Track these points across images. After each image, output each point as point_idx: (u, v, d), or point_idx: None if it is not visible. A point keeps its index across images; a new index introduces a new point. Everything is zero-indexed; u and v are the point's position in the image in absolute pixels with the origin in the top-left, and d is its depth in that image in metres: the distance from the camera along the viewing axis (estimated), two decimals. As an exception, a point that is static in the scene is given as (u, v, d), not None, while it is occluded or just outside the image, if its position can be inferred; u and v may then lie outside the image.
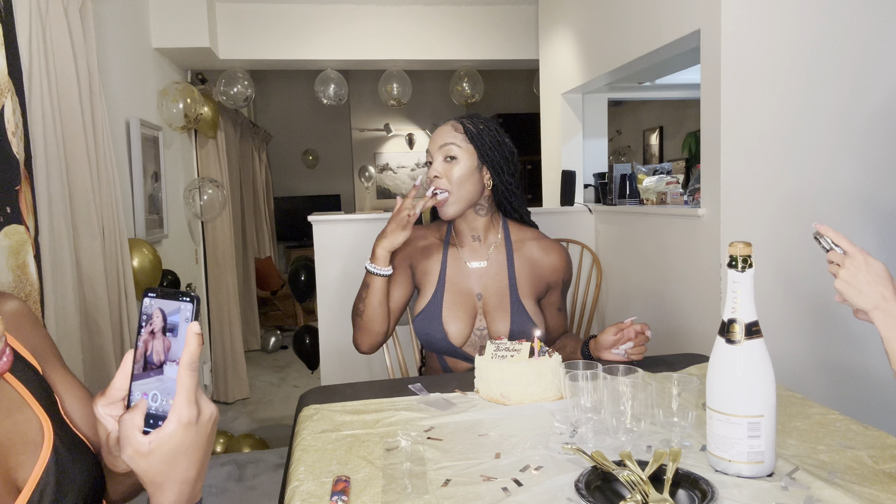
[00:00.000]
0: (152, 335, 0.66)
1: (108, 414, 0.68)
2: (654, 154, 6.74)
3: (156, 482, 0.64)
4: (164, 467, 0.63)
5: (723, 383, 0.92)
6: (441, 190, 1.52)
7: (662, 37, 2.41)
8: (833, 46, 2.07)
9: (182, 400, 0.63)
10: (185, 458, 0.64)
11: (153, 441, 0.62)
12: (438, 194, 1.52)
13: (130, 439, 0.63)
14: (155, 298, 0.66)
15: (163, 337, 0.65)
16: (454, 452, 1.02)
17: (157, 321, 0.66)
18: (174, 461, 0.64)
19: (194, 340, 0.63)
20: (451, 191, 1.52)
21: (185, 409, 0.63)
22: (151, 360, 0.65)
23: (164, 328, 0.65)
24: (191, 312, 0.65)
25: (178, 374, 0.64)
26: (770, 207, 2.10)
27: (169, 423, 0.63)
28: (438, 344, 1.56)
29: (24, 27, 1.83)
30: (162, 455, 0.63)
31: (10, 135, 1.72)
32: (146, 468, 0.63)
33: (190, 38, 3.62)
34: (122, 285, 2.35)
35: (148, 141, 3.26)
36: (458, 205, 1.53)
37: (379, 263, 1.50)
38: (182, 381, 0.63)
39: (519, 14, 4.31)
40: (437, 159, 1.54)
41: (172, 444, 0.63)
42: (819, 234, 1.01)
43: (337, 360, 2.92)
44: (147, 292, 0.66)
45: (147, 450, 0.62)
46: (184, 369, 0.63)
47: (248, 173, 5.66)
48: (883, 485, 0.87)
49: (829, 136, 2.09)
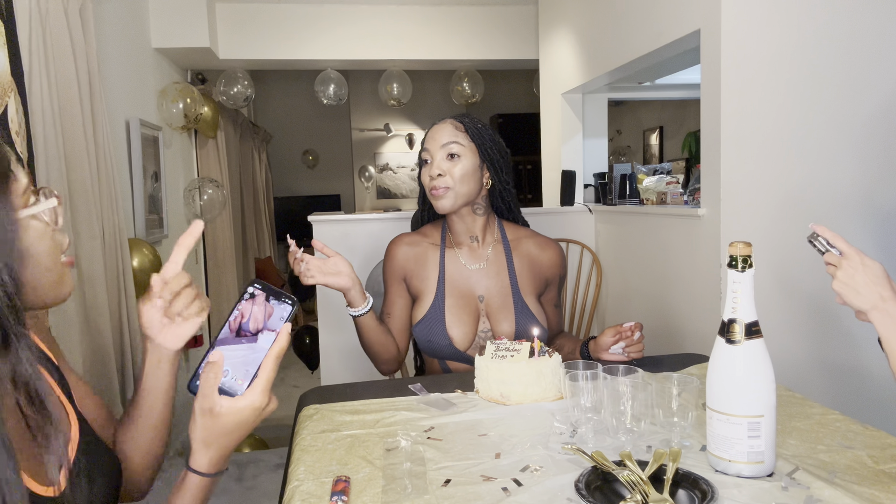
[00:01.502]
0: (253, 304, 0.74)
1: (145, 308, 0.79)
2: (654, 154, 6.74)
3: (207, 441, 0.72)
4: (220, 432, 0.71)
5: (723, 383, 0.92)
6: (441, 188, 1.49)
7: (662, 37, 2.41)
8: (833, 46, 2.07)
9: (261, 386, 0.71)
10: (237, 433, 0.73)
11: (226, 407, 0.70)
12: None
13: (209, 396, 0.71)
14: (260, 290, 0.75)
15: (265, 304, 0.74)
16: (454, 452, 1.02)
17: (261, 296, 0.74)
18: (230, 431, 0.72)
19: (285, 339, 0.73)
20: (451, 187, 1.49)
21: (261, 395, 0.71)
22: (247, 328, 0.73)
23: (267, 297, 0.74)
24: (289, 314, 0.75)
25: (264, 363, 0.72)
26: (770, 207, 2.10)
27: (243, 400, 0.71)
28: (442, 350, 1.53)
29: (24, 27, 1.83)
30: (225, 422, 0.71)
31: (14, 134, 1.72)
32: (207, 425, 0.71)
33: (190, 38, 3.62)
34: (122, 285, 2.35)
35: (148, 141, 3.26)
36: (455, 199, 1.50)
37: (354, 305, 1.47)
38: (266, 369, 0.72)
39: (519, 14, 4.31)
40: (437, 157, 1.51)
41: (238, 418, 0.71)
42: (814, 235, 1.00)
43: (337, 360, 2.92)
44: (255, 282, 0.76)
45: (219, 411, 0.70)
46: (271, 359, 0.72)
47: (248, 173, 5.66)
48: (883, 485, 0.86)
49: (829, 136, 2.09)
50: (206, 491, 0.75)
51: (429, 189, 1.52)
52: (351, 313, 1.48)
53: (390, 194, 7.94)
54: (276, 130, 7.40)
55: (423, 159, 1.55)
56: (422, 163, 1.57)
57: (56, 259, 0.72)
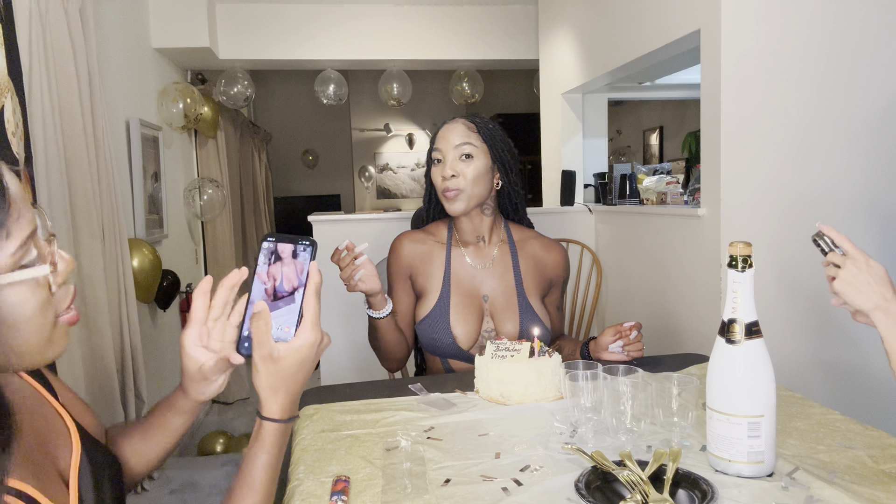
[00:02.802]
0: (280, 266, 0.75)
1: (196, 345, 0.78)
2: (654, 154, 6.74)
3: (274, 387, 0.74)
4: (284, 375, 0.73)
5: (723, 383, 0.92)
6: (453, 190, 1.49)
7: (662, 37, 2.41)
8: (833, 46, 2.07)
9: (310, 321, 0.73)
10: (301, 373, 0.74)
11: (284, 349, 0.72)
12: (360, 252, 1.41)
13: (266, 343, 0.72)
14: (275, 242, 0.76)
15: (293, 261, 0.75)
16: (454, 452, 1.02)
17: (286, 253, 0.75)
18: (294, 372, 0.73)
19: (317, 274, 0.75)
20: (464, 189, 1.49)
21: (313, 330, 0.73)
22: (282, 289, 0.75)
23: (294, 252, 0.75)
24: (310, 253, 0.76)
25: (305, 300, 0.74)
26: (770, 207, 2.10)
27: (298, 339, 0.73)
28: (446, 349, 1.53)
29: (24, 27, 1.83)
30: (287, 364, 0.73)
31: (10, 135, 1.72)
32: (271, 371, 0.73)
33: (190, 38, 3.62)
34: (122, 285, 2.35)
35: (148, 141, 3.26)
36: (468, 201, 1.51)
37: (376, 308, 1.48)
38: (310, 305, 0.74)
39: (519, 14, 4.31)
40: (450, 157, 1.50)
41: (298, 358, 0.73)
42: (819, 235, 1.01)
43: (337, 360, 2.92)
44: (267, 237, 0.76)
45: (278, 355, 0.72)
46: (310, 296, 0.74)
47: (248, 173, 5.65)
48: (883, 485, 0.86)
49: (829, 135, 2.09)
50: (283, 438, 0.76)
51: (441, 190, 1.52)
52: (374, 315, 1.49)
53: (390, 194, 7.94)
54: (276, 130, 7.40)
55: (435, 159, 1.55)
56: (431, 161, 1.56)
57: (46, 321, 0.64)
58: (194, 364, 0.78)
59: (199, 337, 0.78)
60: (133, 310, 2.40)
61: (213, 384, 0.82)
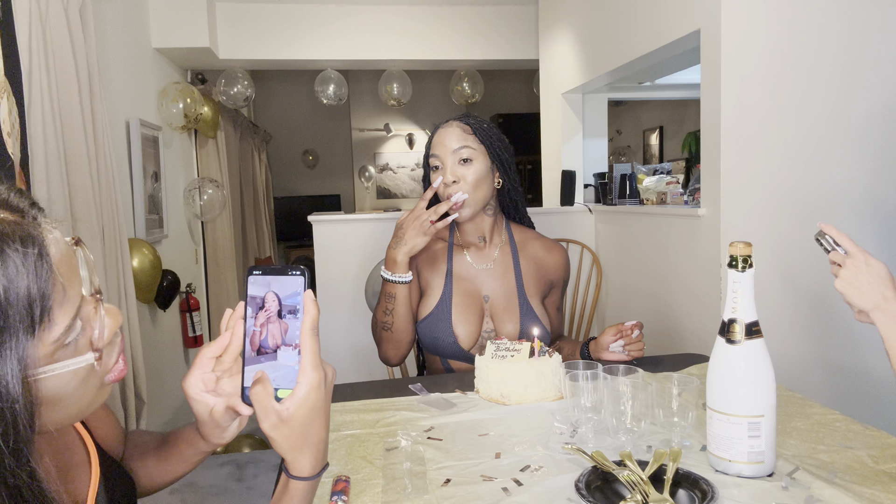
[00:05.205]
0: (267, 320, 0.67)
1: (202, 391, 0.73)
2: (654, 154, 6.74)
3: (296, 447, 0.67)
4: (302, 430, 0.67)
5: (723, 383, 0.92)
6: (461, 194, 1.48)
7: (662, 37, 2.41)
8: (833, 46, 2.07)
9: (309, 364, 0.66)
10: (318, 420, 0.67)
11: (290, 406, 0.65)
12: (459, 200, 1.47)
13: (269, 409, 0.65)
14: (260, 276, 0.67)
15: (279, 321, 0.67)
16: (454, 452, 1.02)
17: (272, 305, 0.67)
18: (310, 423, 0.67)
19: (313, 308, 0.66)
20: (468, 193, 1.48)
21: (313, 372, 0.66)
22: (266, 345, 0.67)
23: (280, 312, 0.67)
24: (302, 285, 0.67)
25: (302, 339, 0.66)
26: (770, 207, 2.10)
27: (301, 387, 0.65)
28: (447, 348, 1.53)
29: (24, 27, 1.83)
30: (300, 419, 0.66)
31: (6, 135, 1.72)
32: (287, 434, 0.66)
33: (190, 38, 3.62)
34: (122, 285, 2.35)
35: (148, 141, 3.26)
36: (474, 207, 1.50)
37: (399, 271, 1.46)
38: (307, 345, 0.66)
39: (519, 14, 4.32)
40: (449, 163, 1.49)
41: (308, 407, 0.66)
42: (821, 234, 1.01)
43: (337, 360, 2.92)
44: (252, 270, 0.68)
45: (287, 415, 0.65)
46: (307, 334, 0.66)
47: (248, 173, 5.65)
48: (883, 485, 0.86)
49: (829, 135, 2.09)
50: (313, 489, 0.71)
51: (444, 197, 1.51)
52: (394, 278, 1.47)
53: (390, 194, 7.94)
54: (276, 130, 7.40)
55: (433, 165, 1.52)
56: (429, 167, 1.55)
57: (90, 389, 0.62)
58: (204, 408, 0.73)
59: (202, 382, 0.73)
60: (133, 310, 2.40)
61: (227, 430, 0.77)
